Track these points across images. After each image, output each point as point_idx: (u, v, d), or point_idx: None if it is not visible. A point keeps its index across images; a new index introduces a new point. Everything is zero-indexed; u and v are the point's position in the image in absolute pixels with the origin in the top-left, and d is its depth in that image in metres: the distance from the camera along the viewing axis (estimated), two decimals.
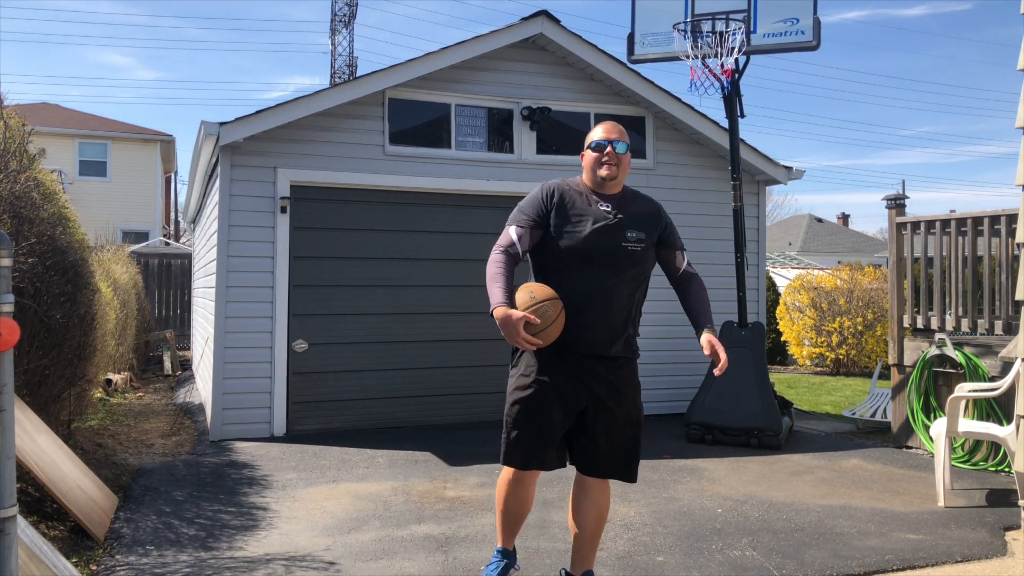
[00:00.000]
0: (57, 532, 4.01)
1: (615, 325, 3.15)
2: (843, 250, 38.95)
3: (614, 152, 3.15)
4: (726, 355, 3.11)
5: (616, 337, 3.15)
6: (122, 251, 13.60)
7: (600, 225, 3.12)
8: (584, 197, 3.20)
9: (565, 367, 3.12)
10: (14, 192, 4.51)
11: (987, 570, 3.85)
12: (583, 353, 3.12)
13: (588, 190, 3.22)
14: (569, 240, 3.11)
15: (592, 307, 3.09)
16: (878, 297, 12.30)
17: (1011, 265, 6.03)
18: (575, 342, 3.09)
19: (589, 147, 3.21)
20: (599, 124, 3.28)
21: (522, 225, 3.14)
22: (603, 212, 3.15)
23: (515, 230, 3.13)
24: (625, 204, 3.21)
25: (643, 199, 3.31)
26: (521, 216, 3.16)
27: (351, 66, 31.45)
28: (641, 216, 3.21)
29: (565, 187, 3.22)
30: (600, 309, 3.10)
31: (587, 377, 3.13)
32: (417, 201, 7.53)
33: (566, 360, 3.12)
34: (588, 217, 3.14)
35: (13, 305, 2.68)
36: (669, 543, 4.18)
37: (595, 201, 3.18)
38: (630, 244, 3.13)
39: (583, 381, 3.12)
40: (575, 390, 3.12)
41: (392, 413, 7.36)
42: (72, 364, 5.33)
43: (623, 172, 3.20)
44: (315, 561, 3.85)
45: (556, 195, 3.17)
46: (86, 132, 23.97)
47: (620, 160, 3.17)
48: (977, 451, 6.06)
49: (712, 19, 7.24)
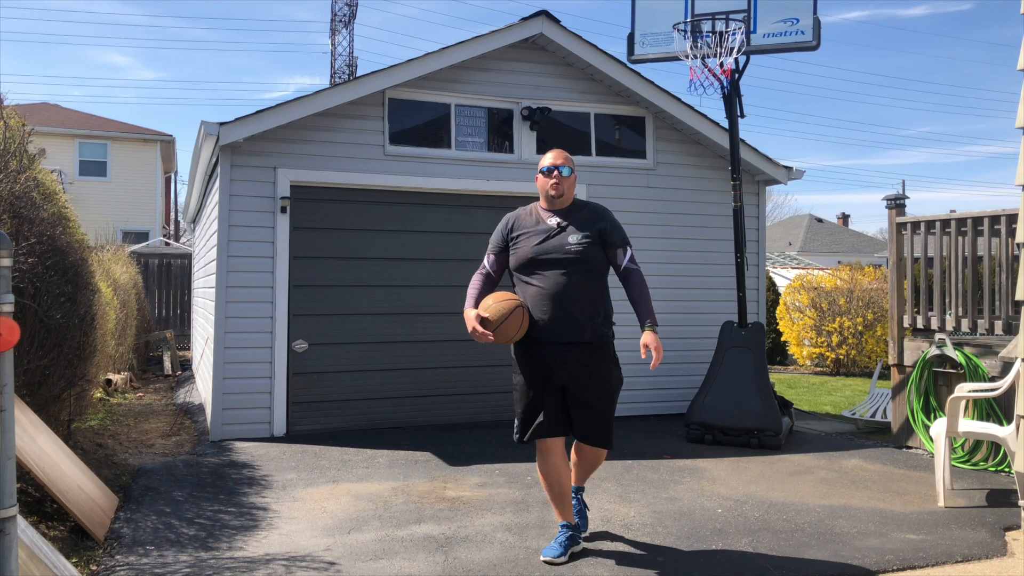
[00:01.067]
0: (57, 532, 4.01)
1: (576, 316, 3.77)
2: (843, 250, 38.95)
3: (560, 175, 3.87)
4: (661, 354, 3.75)
5: (580, 326, 3.78)
6: (122, 251, 13.60)
7: (547, 235, 3.84)
8: (534, 216, 3.95)
9: (538, 355, 3.81)
10: (14, 192, 4.51)
11: (987, 570, 3.85)
12: (551, 342, 3.77)
13: (541, 208, 3.97)
14: (524, 251, 3.86)
15: (551, 304, 3.76)
16: (878, 297, 12.30)
17: (1011, 265, 6.03)
18: (543, 334, 3.78)
19: (541, 171, 3.92)
20: (548, 151, 3.98)
21: (492, 252, 4.01)
22: (550, 225, 3.87)
23: (487, 258, 4.01)
24: (571, 214, 3.90)
25: (588, 207, 3.97)
26: (490, 246, 4.03)
27: (351, 66, 31.47)
28: (583, 221, 3.87)
29: (520, 213, 4.01)
30: (558, 305, 3.75)
31: (558, 362, 3.78)
32: (417, 201, 7.53)
33: (538, 350, 3.81)
34: (538, 231, 3.88)
35: (13, 305, 2.68)
36: (669, 543, 4.18)
37: (546, 217, 3.92)
38: (573, 246, 3.79)
39: (555, 365, 3.79)
40: (549, 372, 3.80)
41: (392, 413, 7.36)
42: (72, 364, 5.33)
43: (569, 191, 3.91)
44: (315, 561, 3.85)
45: (512, 221, 3.98)
46: (86, 132, 23.97)
47: (564, 181, 3.88)
48: (977, 451, 6.06)
49: (712, 19, 7.24)
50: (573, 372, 3.78)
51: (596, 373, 3.81)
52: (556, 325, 3.75)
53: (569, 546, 3.88)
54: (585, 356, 3.79)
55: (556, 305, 3.74)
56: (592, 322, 3.80)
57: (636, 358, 8.13)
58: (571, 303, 3.76)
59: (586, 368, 3.79)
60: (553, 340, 3.77)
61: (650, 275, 8.21)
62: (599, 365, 3.82)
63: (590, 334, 3.80)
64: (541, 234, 3.84)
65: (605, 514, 4.67)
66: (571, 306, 3.76)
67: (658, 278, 8.24)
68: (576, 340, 3.77)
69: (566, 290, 3.76)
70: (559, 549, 3.84)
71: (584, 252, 3.78)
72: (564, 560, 3.82)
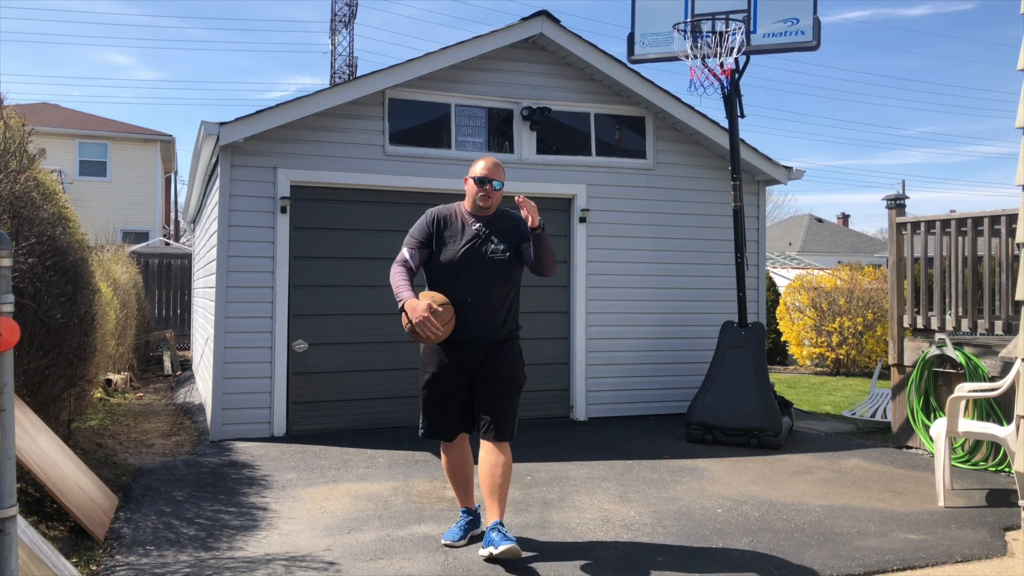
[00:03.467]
0: (57, 532, 4.01)
1: (492, 322, 3.92)
2: (843, 250, 38.95)
3: (491, 188, 3.94)
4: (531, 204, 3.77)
5: (494, 332, 3.94)
6: (122, 251, 13.60)
7: (471, 241, 3.91)
8: (460, 219, 3.99)
9: (453, 355, 3.91)
10: (14, 192, 4.51)
11: (987, 570, 3.85)
12: (468, 343, 3.90)
13: (466, 212, 4.01)
14: (448, 254, 3.91)
15: (471, 309, 3.86)
16: (878, 297, 12.30)
17: (1011, 265, 6.03)
18: (461, 335, 3.87)
19: (472, 179, 3.95)
20: (481, 159, 4.00)
21: (412, 247, 3.98)
22: (475, 231, 3.94)
23: (407, 251, 3.98)
24: (494, 222, 3.98)
25: (507, 216, 4.04)
26: (411, 239, 4.00)
27: (351, 66, 31.46)
28: (504, 230, 3.97)
29: (446, 212, 4.02)
30: (478, 310, 3.87)
31: (471, 361, 3.92)
32: (417, 201, 7.51)
33: (453, 350, 3.91)
34: (462, 235, 3.93)
35: (13, 305, 2.67)
36: (669, 543, 4.18)
37: (470, 222, 3.97)
38: (496, 254, 3.89)
39: (468, 365, 3.92)
40: (461, 371, 3.93)
41: (392, 413, 7.36)
42: (72, 364, 5.33)
43: (495, 202, 3.98)
44: (315, 561, 3.85)
45: (438, 220, 3.99)
46: (86, 132, 23.96)
47: (493, 195, 3.95)
48: (977, 451, 6.06)
49: (712, 19, 7.24)
50: (483, 369, 3.93)
51: (504, 367, 3.94)
52: (475, 328, 3.89)
53: (468, 530, 4.11)
54: (495, 352, 3.95)
55: (477, 310, 3.87)
56: (505, 324, 3.99)
57: (630, 358, 8.17)
58: (491, 309, 3.91)
59: (495, 363, 3.93)
60: (471, 342, 3.90)
61: (650, 275, 8.23)
62: (507, 360, 3.96)
63: (502, 334, 3.98)
64: (467, 239, 3.92)
65: (605, 514, 4.67)
66: (490, 311, 3.91)
67: (658, 278, 8.25)
68: (492, 341, 3.94)
69: (489, 297, 3.89)
70: (459, 533, 4.08)
71: (507, 261, 3.92)
72: (464, 543, 4.06)
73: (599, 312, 8.00)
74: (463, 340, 3.89)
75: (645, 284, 8.18)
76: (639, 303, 8.15)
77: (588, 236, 7.96)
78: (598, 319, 7.99)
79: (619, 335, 8.09)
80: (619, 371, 8.06)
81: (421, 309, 3.70)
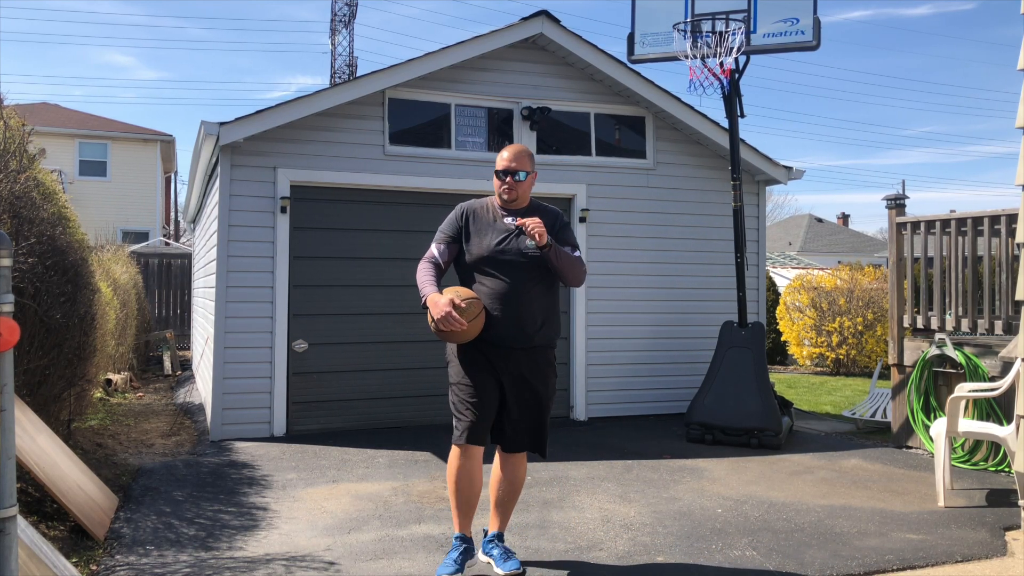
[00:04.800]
0: (57, 532, 4.01)
1: (527, 325, 3.64)
2: (843, 250, 38.94)
3: (512, 181, 3.70)
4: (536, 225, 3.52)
5: (530, 335, 3.65)
6: (122, 251, 13.59)
7: (506, 235, 3.66)
8: (491, 213, 3.75)
9: (485, 357, 3.64)
10: (14, 192, 4.51)
11: (987, 570, 3.85)
12: (500, 345, 3.62)
13: (496, 206, 3.78)
14: (479, 249, 3.67)
15: (506, 307, 3.61)
16: (878, 297, 12.30)
17: (1011, 265, 6.03)
18: (492, 336, 3.60)
19: (495, 173, 3.73)
20: (506, 149, 3.75)
21: (441, 242, 3.76)
22: (507, 224, 3.70)
23: (435, 246, 3.76)
24: (529, 216, 3.70)
25: (543, 210, 3.80)
26: (440, 234, 3.78)
27: (351, 66, 31.46)
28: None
29: (477, 206, 3.80)
30: (512, 308, 3.61)
31: (503, 364, 3.64)
32: (417, 201, 7.53)
33: (485, 352, 3.64)
34: (496, 229, 3.69)
35: (13, 305, 2.67)
36: (669, 543, 4.18)
37: (501, 216, 3.73)
38: (530, 250, 3.61)
39: (500, 368, 3.64)
40: (494, 376, 3.65)
41: (392, 413, 7.36)
42: (72, 364, 5.33)
43: (523, 193, 3.74)
44: (315, 561, 3.85)
45: (467, 214, 3.77)
46: (86, 132, 23.96)
47: (517, 186, 3.70)
48: (977, 451, 6.06)
49: (712, 19, 7.24)
50: (516, 376, 3.65)
51: (537, 377, 3.69)
52: (507, 329, 3.61)
53: (464, 560, 3.64)
54: (530, 360, 3.68)
55: (510, 308, 3.60)
56: (542, 328, 3.70)
57: (630, 358, 8.17)
58: (525, 308, 3.63)
59: (529, 371, 3.67)
60: (503, 344, 3.63)
61: (650, 275, 8.23)
62: (542, 369, 3.71)
63: (539, 339, 3.69)
64: (500, 233, 3.67)
65: (605, 514, 4.67)
66: (524, 311, 3.63)
67: (658, 278, 8.25)
68: (526, 345, 3.66)
69: (521, 295, 3.62)
70: (454, 566, 3.58)
71: (541, 259, 3.64)
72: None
73: (599, 312, 8.00)
74: (493, 341, 3.61)
75: (645, 284, 8.18)
76: (639, 303, 8.15)
77: (588, 236, 7.96)
78: (598, 319, 7.99)
79: (619, 335, 8.09)
80: (619, 371, 8.07)
81: (443, 304, 3.45)
